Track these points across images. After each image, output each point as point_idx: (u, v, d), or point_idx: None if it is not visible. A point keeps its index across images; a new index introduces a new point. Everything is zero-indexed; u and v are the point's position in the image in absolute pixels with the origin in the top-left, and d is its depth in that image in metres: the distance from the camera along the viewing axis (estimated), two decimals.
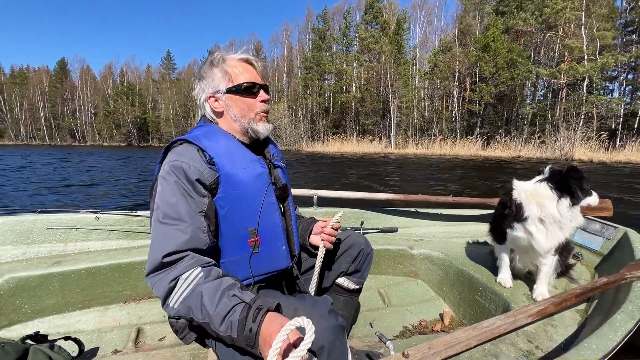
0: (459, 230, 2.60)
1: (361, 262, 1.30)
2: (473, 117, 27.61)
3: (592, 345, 0.93)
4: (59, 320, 1.61)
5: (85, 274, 1.66)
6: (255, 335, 0.71)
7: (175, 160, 0.92)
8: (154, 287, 0.86)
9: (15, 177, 10.09)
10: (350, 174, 11.22)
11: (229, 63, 1.05)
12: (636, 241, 1.74)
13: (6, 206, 5.81)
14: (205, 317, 0.78)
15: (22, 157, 20.21)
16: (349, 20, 36.08)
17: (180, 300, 0.81)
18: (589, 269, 1.86)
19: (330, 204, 2.64)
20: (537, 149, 20.51)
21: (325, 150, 28.43)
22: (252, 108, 1.07)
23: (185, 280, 0.82)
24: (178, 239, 0.85)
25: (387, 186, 8.19)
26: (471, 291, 1.77)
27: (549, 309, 1.19)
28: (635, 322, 1.06)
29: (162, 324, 1.66)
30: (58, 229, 1.92)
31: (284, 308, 0.85)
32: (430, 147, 25.29)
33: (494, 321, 1.10)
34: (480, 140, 24.00)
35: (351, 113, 32.78)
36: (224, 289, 0.80)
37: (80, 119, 55.78)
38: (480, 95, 25.80)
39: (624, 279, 1.32)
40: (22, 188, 7.80)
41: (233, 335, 0.74)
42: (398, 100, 29.23)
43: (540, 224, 1.48)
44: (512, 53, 23.84)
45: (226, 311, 0.76)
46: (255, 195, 1.01)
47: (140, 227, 2.06)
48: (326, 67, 34.90)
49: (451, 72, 28.61)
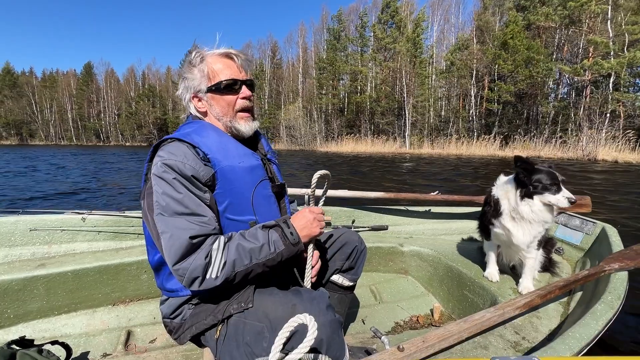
0: (447, 227, 2.66)
1: (355, 259, 1.32)
2: (491, 116, 26.68)
3: (576, 334, 0.98)
4: (44, 325, 1.56)
5: (71, 276, 1.62)
6: (297, 233, 0.96)
7: (168, 159, 0.90)
8: (188, 271, 0.84)
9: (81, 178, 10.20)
10: (367, 172, 11.18)
11: (208, 60, 1.03)
12: (613, 235, 1.82)
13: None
14: (252, 259, 0.90)
15: (62, 156, 20.49)
16: (365, 21, 35.68)
17: (222, 265, 0.88)
18: (570, 263, 1.95)
19: None
20: (559, 149, 19.39)
21: (339, 150, 28.24)
22: (232, 105, 1.05)
23: (217, 249, 0.88)
24: (199, 227, 0.87)
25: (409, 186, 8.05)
26: (460, 286, 1.82)
27: (535, 301, 1.24)
28: (614, 311, 1.12)
29: (152, 326, 1.64)
30: (42, 231, 1.86)
31: (281, 305, 0.86)
32: (446, 147, 24.71)
33: (484, 314, 1.14)
34: (498, 140, 23.13)
35: (366, 113, 32.45)
36: (250, 231, 0.95)
37: (105, 120, 58.50)
38: (498, 93, 24.83)
39: (603, 272, 1.39)
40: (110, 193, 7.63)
41: (280, 248, 0.94)
42: (414, 99, 28.89)
43: (512, 219, 1.52)
44: (532, 50, 22.78)
45: (267, 238, 0.93)
46: (252, 188, 1.01)
47: (128, 227, 2.02)
48: (340, 67, 34.72)
49: (468, 70, 27.53)
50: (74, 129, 60.06)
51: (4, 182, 9.01)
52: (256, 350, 0.85)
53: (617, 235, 1.83)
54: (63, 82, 60.55)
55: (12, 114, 58.16)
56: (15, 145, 53.90)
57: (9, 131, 59.30)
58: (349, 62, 35.66)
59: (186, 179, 0.90)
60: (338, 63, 35.01)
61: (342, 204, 2.65)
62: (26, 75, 63.05)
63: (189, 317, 1.01)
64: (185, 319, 1.02)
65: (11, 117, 58.23)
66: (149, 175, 0.93)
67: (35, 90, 59.60)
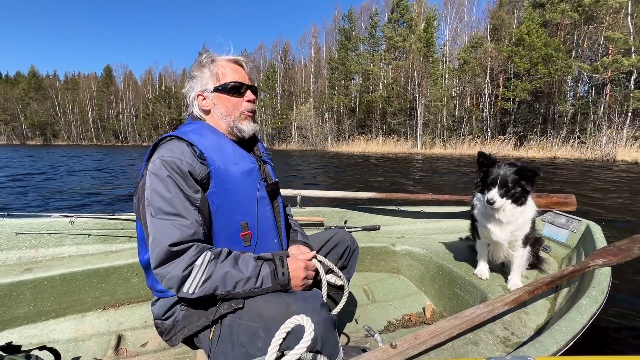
0: (438, 226, 2.70)
1: (348, 259, 1.34)
2: (506, 116, 26.17)
3: (562, 328, 1.01)
4: (31, 330, 1.52)
5: (59, 280, 1.58)
6: (288, 277, 0.94)
7: (166, 155, 0.92)
8: (165, 279, 0.87)
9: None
10: (379, 173, 11.13)
11: (218, 64, 1.07)
12: (597, 232, 1.88)
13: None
14: (235, 288, 0.90)
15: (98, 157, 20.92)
16: (375, 20, 35.57)
17: (201, 284, 0.88)
18: (557, 260, 2.00)
19: (314, 204, 2.66)
20: (576, 149, 18.80)
21: (350, 150, 28.24)
22: (238, 107, 1.09)
23: (200, 265, 0.88)
24: (181, 232, 0.87)
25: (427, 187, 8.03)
26: (451, 284, 1.85)
27: (523, 296, 1.27)
28: (598, 305, 1.15)
29: (143, 329, 1.61)
30: (28, 234, 1.81)
31: (275, 304, 0.87)
32: (458, 147, 24.45)
33: (474, 310, 1.16)
34: (513, 139, 22.44)
35: (377, 113, 32.49)
36: (243, 258, 0.94)
37: (123, 120, 61.61)
38: (514, 92, 24.20)
39: (588, 267, 1.44)
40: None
41: (266, 286, 0.92)
42: (426, 99, 28.67)
43: (485, 217, 1.56)
44: (549, 47, 22.22)
45: (257, 272, 0.92)
46: (246, 189, 1.02)
47: (118, 230, 1.99)
48: (352, 67, 34.59)
49: (482, 68, 27.15)
50: (94, 130, 63.45)
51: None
52: (251, 351, 0.85)
53: (601, 232, 1.89)
54: (84, 85, 64.08)
55: (37, 116, 61.85)
56: (40, 145, 57.28)
57: (34, 132, 63.51)
58: (360, 61, 35.47)
59: (181, 176, 0.91)
60: (349, 63, 34.91)
61: (335, 205, 2.66)
62: (50, 78, 67.15)
63: (181, 319, 1.00)
64: (177, 320, 1.01)
65: (36, 119, 61.83)
66: (145, 172, 0.95)
67: (58, 92, 63.30)
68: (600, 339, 1.86)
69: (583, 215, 2.16)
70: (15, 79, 67.86)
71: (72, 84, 65.27)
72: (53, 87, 63.53)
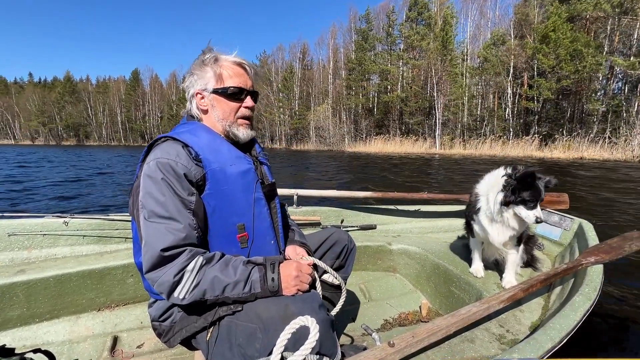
0: (434, 225, 2.72)
1: (345, 258, 1.34)
2: (530, 115, 24.92)
3: (556, 325, 1.02)
4: (24, 333, 1.50)
5: (53, 282, 1.56)
6: (278, 282, 0.91)
7: (161, 157, 0.91)
8: (156, 283, 0.86)
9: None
10: (401, 174, 11.04)
11: (221, 64, 1.05)
12: (589, 231, 1.92)
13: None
14: (224, 292, 0.88)
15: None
16: (392, 19, 34.94)
17: (191, 290, 0.87)
18: (550, 258, 2.03)
19: (310, 203, 2.67)
20: (606, 150, 17.93)
21: (367, 150, 27.87)
22: (235, 112, 1.07)
23: (192, 271, 0.87)
24: (173, 236, 0.86)
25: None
26: (446, 283, 1.87)
27: (518, 294, 1.29)
28: (591, 302, 1.17)
29: (140, 330, 1.60)
30: (21, 235, 1.79)
31: (274, 306, 0.86)
32: (479, 148, 23.64)
33: (470, 308, 1.17)
34: (537, 139, 21.47)
35: (395, 113, 31.94)
36: (234, 262, 0.92)
37: (149, 122, 64.02)
38: (538, 91, 22.99)
39: (581, 265, 1.46)
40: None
41: (255, 291, 0.89)
42: (445, 98, 27.67)
43: (487, 218, 1.58)
44: (577, 43, 20.71)
45: (246, 276, 0.90)
46: (243, 191, 1.01)
47: (113, 230, 1.97)
48: (369, 67, 34.20)
49: (504, 66, 25.79)
50: (122, 131, 66.96)
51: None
52: (249, 352, 0.85)
53: (593, 230, 1.92)
54: (114, 88, 67.74)
55: (71, 118, 67.00)
56: (74, 145, 62.58)
57: (68, 133, 68.62)
58: (377, 61, 34.92)
59: (176, 178, 0.90)
60: (366, 63, 34.59)
61: (331, 204, 2.67)
62: (83, 82, 72.79)
63: (178, 320, 1.00)
64: (175, 321, 1.01)
65: (70, 120, 66.89)
66: (140, 174, 0.93)
67: (91, 95, 67.74)
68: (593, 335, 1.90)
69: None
70: (52, 84, 73.70)
71: (103, 87, 69.88)
72: (86, 90, 68.17)
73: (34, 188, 7.75)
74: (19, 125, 71.13)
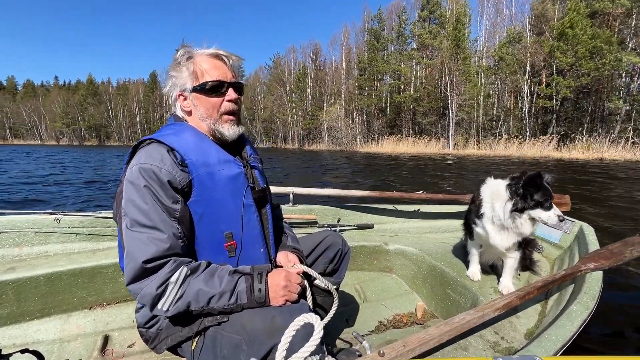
0: (431, 225, 2.69)
1: (339, 263, 1.31)
2: (547, 114, 24.12)
3: (552, 336, 1.00)
4: (14, 331, 1.49)
5: (43, 280, 1.55)
6: (265, 293, 0.87)
7: (144, 163, 0.86)
8: (138, 296, 0.83)
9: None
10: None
11: (196, 60, 0.99)
12: (590, 235, 1.88)
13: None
14: (209, 303, 0.85)
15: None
16: (403, 19, 34.63)
17: (175, 301, 0.84)
18: (549, 261, 2.00)
19: (307, 202, 2.63)
20: (629, 150, 17.41)
21: (380, 150, 27.56)
22: (218, 108, 1.01)
23: (176, 282, 0.83)
24: (156, 246, 0.83)
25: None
26: (443, 285, 1.85)
27: (514, 302, 1.26)
28: (589, 311, 1.14)
29: (131, 330, 1.59)
30: (11, 232, 1.77)
31: (260, 317, 0.84)
32: (494, 148, 22.92)
33: (464, 316, 1.15)
34: (555, 139, 20.78)
35: (407, 113, 31.52)
36: (220, 272, 0.88)
37: (166, 123, 65.70)
38: (556, 89, 22.23)
39: (579, 271, 1.43)
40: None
41: (242, 302, 0.86)
42: (459, 97, 26.97)
43: (493, 224, 1.54)
44: (597, 40, 19.83)
45: (232, 286, 0.86)
46: (232, 197, 0.97)
47: (105, 228, 1.95)
48: (380, 67, 34.06)
49: (521, 65, 24.91)
50: (141, 131, 67.31)
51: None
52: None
53: (594, 234, 1.88)
54: (133, 90, 69.60)
55: (93, 119, 69.65)
56: (96, 145, 64.78)
57: (90, 134, 71.33)
58: (389, 61, 34.55)
59: (160, 185, 0.86)
60: (377, 63, 34.35)
61: (328, 203, 2.64)
62: (104, 84, 74.99)
63: (164, 328, 0.97)
64: (161, 329, 0.98)
65: (92, 122, 69.53)
66: (124, 179, 0.90)
67: (111, 97, 70.22)
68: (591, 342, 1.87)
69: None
70: (76, 86, 77.47)
71: (123, 89, 71.92)
72: (107, 92, 70.86)
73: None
74: (45, 126, 73.84)
